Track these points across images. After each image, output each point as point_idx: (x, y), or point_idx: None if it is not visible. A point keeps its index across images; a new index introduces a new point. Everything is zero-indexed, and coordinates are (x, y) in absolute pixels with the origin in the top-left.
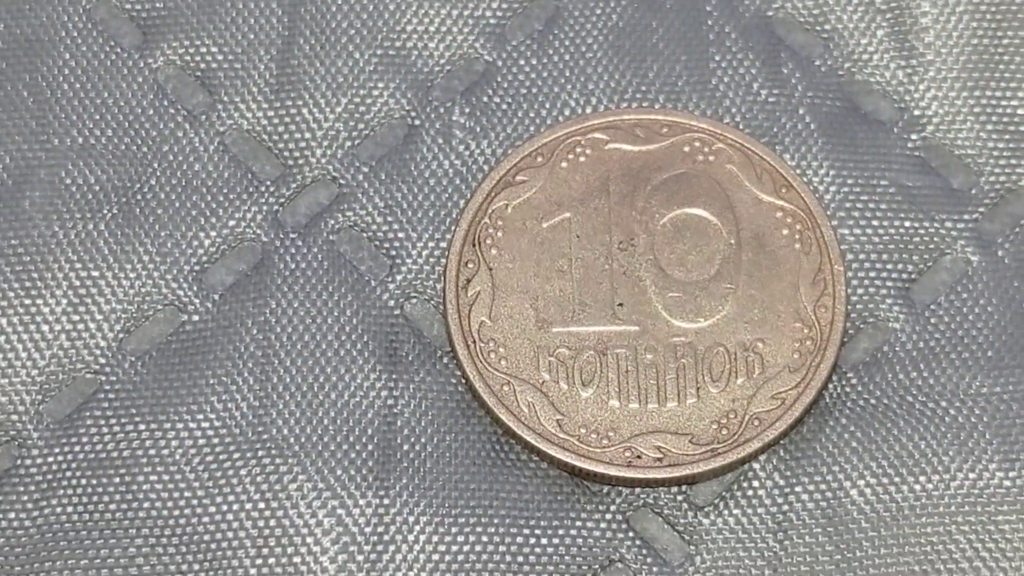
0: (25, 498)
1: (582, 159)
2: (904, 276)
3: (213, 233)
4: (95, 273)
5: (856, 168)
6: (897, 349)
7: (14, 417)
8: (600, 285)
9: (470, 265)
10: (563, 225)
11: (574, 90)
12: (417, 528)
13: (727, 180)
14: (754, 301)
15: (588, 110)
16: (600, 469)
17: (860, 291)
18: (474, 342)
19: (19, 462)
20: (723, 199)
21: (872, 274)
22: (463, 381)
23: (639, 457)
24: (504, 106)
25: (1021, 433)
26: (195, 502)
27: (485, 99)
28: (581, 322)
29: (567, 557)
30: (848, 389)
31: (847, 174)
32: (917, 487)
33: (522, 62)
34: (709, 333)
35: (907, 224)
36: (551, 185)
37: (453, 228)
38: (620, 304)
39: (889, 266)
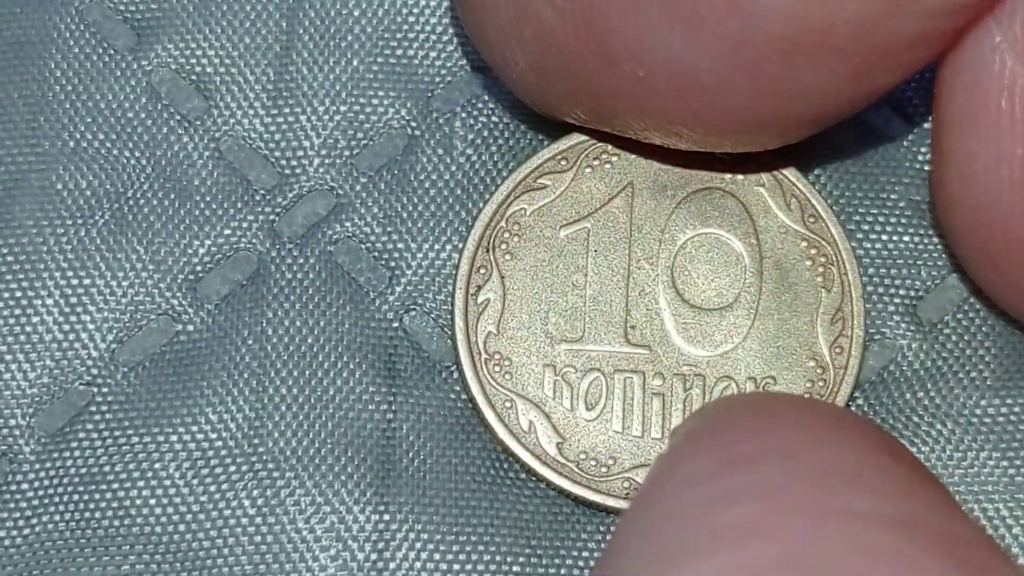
0: (17, 514)
1: (607, 166)
2: (912, 293)
3: (208, 242)
4: (87, 281)
5: (865, 182)
6: (904, 368)
7: (5, 431)
8: (613, 304)
9: (482, 271)
10: (581, 236)
11: None
12: (418, 545)
13: (755, 203)
14: (770, 335)
15: None
16: (597, 499)
17: (868, 307)
18: (479, 354)
19: (10, 477)
20: (748, 223)
21: (880, 290)
22: (463, 394)
23: (637, 490)
24: (505, 118)
25: None
26: (190, 517)
27: (487, 110)
28: (591, 341)
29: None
30: (855, 408)
31: (856, 188)
32: None
33: None
34: (720, 364)
35: (915, 240)
36: (573, 192)
37: (468, 230)
38: (632, 326)
39: (897, 282)
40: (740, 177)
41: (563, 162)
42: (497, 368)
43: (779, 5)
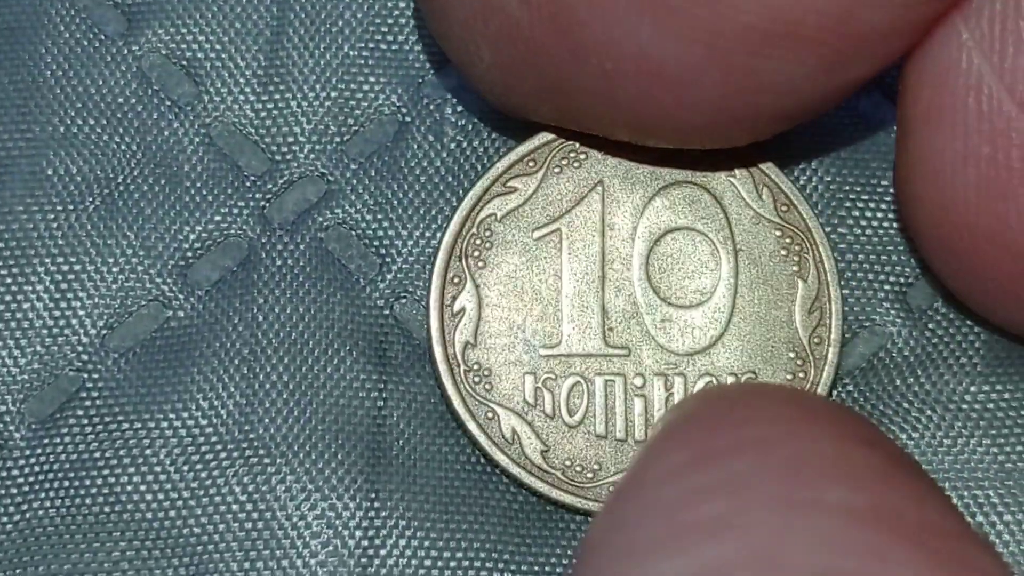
0: (7, 500)
1: (575, 165)
2: (901, 280)
3: (198, 228)
4: (77, 267)
5: (855, 168)
6: (894, 354)
7: None
8: (590, 305)
9: (456, 281)
10: (554, 238)
11: None
12: (408, 532)
13: (726, 194)
14: (748, 329)
15: None
16: (585, 506)
17: (857, 294)
18: (458, 365)
19: (1, 463)
20: (721, 216)
21: (870, 277)
22: (447, 408)
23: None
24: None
25: (1018, 442)
26: (180, 503)
27: (477, 97)
28: (569, 345)
29: (557, 568)
30: (844, 395)
31: (847, 174)
32: None
33: None
34: (700, 361)
35: (903, 226)
36: (543, 194)
37: (439, 238)
38: (611, 328)
39: (887, 269)
40: (711, 170)
41: (531, 164)
42: (476, 379)
43: None
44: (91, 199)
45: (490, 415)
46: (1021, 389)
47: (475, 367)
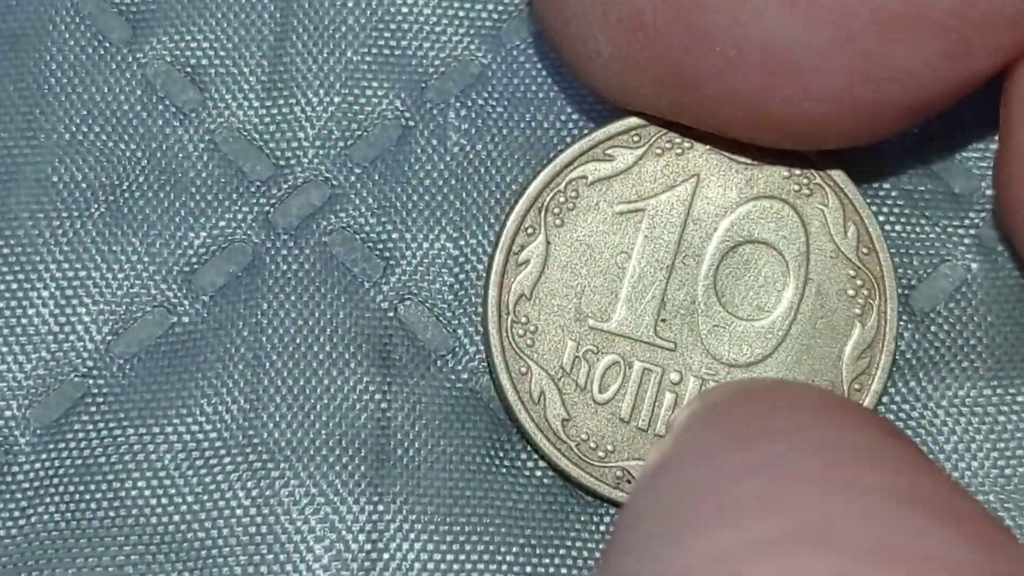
0: (12, 505)
1: (677, 151)
2: (904, 283)
3: (203, 233)
4: (82, 273)
5: (859, 172)
6: (896, 357)
7: (0, 423)
8: (651, 293)
9: (529, 231)
10: (635, 217)
11: (569, 95)
12: (412, 535)
13: (813, 221)
14: (795, 356)
15: (586, 115)
16: (587, 482)
17: None
18: (507, 314)
19: (6, 468)
20: (802, 241)
21: None
22: (482, 346)
23: (629, 482)
24: (500, 109)
25: (1019, 446)
26: (184, 508)
27: (480, 101)
28: (620, 325)
29: (562, 569)
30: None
31: (849, 177)
32: None
33: (516, 66)
34: (740, 374)
35: (907, 229)
36: (638, 171)
37: (523, 186)
38: (663, 320)
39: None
40: (807, 192)
41: (636, 138)
42: (520, 332)
43: None
44: (96, 206)
45: (524, 370)
46: (1023, 391)
47: (523, 320)
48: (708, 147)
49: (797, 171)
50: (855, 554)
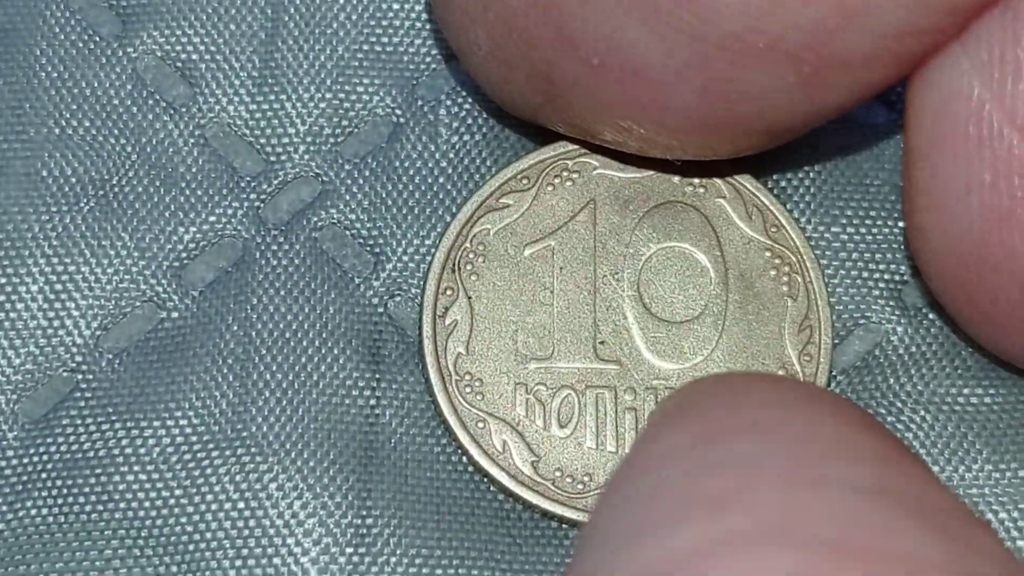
0: (0, 500)
1: (568, 184)
2: (896, 278)
3: (193, 229)
4: (72, 268)
5: (848, 168)
6: (889, 352)
7: None
8: (581, 320)
9: (448, 292)
10: (546, 254)
11: None
12: (400, 531)
13: (717, 215)
14: (738, 345)
15: None
16: (575, 516)
17: (852, 291)
18: (450, 375)
19: None
20: (711, 236)
21: (864, 275)
22: (438, 416)
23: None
24: (490, 106)
25: (1012, 443)
26: (173, 502)
27: (471, 98)
28: (561, 358)
29: (550, 567)
30: (838, 392)
31: (839, 174)
32: None
33: None
34: (690, 376)
35: (900, 225)
36: (535, 210)
37: (432, 252)
38: (602, 342)
39: (882, 267)
40: (701, 190)
41: (524, 181)
42: (468, 389)
43: (735, 4)
44: (86, 200)
45: (481, 424)
46: (1014, 392)
47: (467, 377)
48: (597, 169)
49: (688, 169)
50: (816, 550)
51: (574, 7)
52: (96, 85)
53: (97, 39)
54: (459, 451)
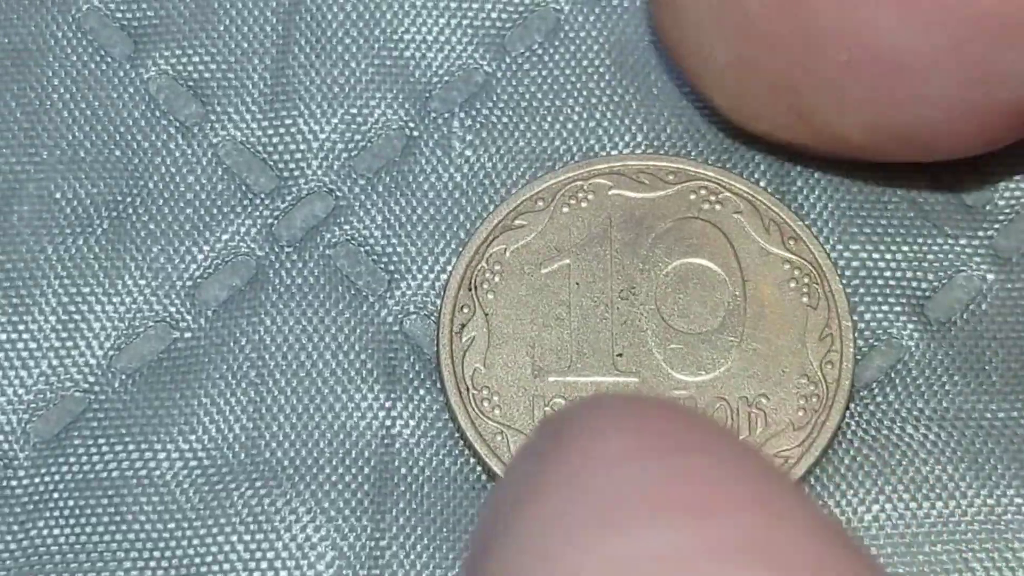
0: (11, 520)
1: (584, 204)
2: (919, 293)
3: (206, 247)
4: (85, 289)
5: (867, 184)
6: (911, 367)
7: (0, 437)
8: (599, 334)
9: (465, 310)
10: (562, 272)
11: (575, 103)
12: (413, 555)
13: (733, 230)
14: (758, 355)
15: (591, 124)
16: None
17: (874, 308)
18: (467, 389)
19: (5, 483)
20: (728, 250)
21: (886, 291)
22: (456, 429)
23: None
24: (504, 118)
25: None
26: (185, 525)
27: (485, 111)
28: (579, 372)
29: None
30: (861, 409)
31: (856, 191)
32: (933, 512)
33: (521, 74)
34: (711, 387)
35: (920, 241)
36: (551, 230)
37: (449, 271)
38: (620, 355)
39: (903, 283)
40: (718, 206)
41: (539, 203)
42: (486, 402)
43: None
44: (99, 221)
45: (499, 436)
46: None
47: (484, 390)
48: (612, 189)
49: (702, 191)
50: None
51: (821, 3)
52: (108, 106)
53: (109, 60)
54: (476, 467)
